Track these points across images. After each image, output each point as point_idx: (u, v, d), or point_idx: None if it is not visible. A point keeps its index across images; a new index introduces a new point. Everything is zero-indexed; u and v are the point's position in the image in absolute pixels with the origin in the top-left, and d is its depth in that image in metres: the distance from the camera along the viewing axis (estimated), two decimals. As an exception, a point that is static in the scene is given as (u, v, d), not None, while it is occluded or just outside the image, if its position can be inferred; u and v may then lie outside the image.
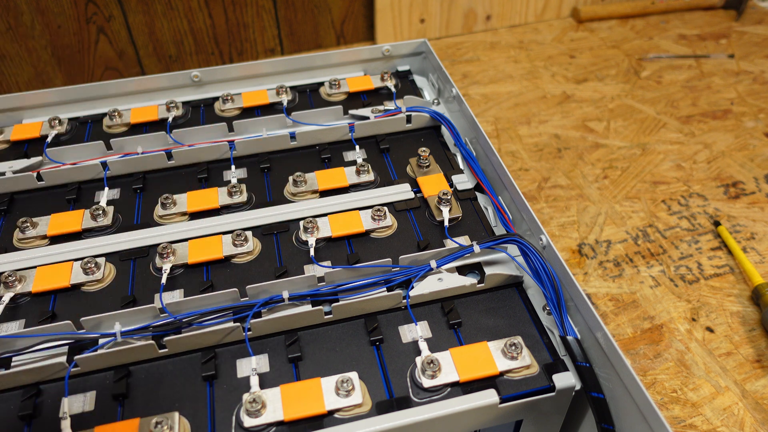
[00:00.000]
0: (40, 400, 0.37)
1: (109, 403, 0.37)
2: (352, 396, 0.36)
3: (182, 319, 0.39)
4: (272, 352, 0.40)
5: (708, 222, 0.71)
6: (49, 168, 0.53)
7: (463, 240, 0.47)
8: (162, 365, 0.39)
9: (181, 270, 0.45)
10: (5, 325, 0.41)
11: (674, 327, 0.59)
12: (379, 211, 0.47)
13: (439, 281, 0.42)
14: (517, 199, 0.47)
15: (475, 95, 0.96)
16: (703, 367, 0.56)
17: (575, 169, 0.80)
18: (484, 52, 1.08)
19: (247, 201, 0.51)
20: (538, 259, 0.41)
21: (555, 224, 0.71)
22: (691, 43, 1.08)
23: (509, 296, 0.43)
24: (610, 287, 0.64)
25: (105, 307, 0.43)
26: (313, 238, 0.46)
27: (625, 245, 0.68)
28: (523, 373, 0.38)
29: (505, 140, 0.86)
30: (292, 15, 1.06)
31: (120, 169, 0.54)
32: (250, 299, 0.41)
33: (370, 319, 0.41)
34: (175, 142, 0.56)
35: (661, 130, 0.87)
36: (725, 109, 0.91)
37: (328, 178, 0.52)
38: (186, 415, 0.36)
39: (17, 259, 0.46)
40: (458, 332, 0.41)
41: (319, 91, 0.64)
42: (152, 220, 0.49)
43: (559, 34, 1.13)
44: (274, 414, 0.35)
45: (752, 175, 0.78)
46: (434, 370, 0.37)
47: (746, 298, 0.62)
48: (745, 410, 0.53)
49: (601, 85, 0.97)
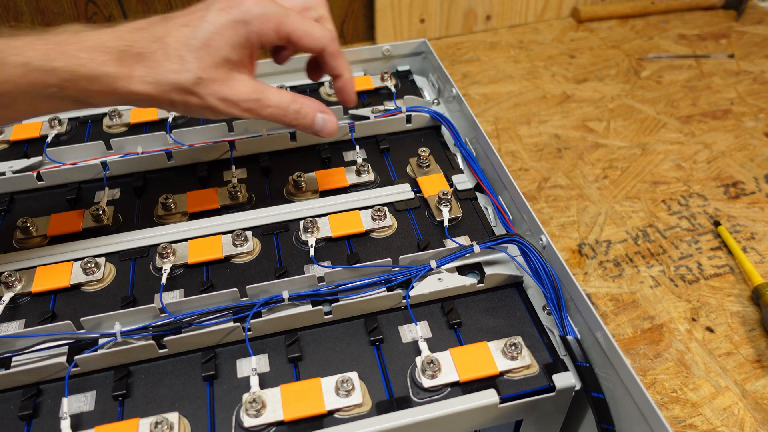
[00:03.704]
0: (40, 400, 0.37)
1: (109, 403, 0.37)
2: (352, 396, 0.36)
3: (182, 319, 0.39)
4: (272, 352, 0.40)
5: (708, 222, 0.71)
6: (49, 168, 0.53)
7: (463, 240, 0.47)
8: (162, 365, 0.39)
9: (181, 270, 0.45)
10: (5, 325, 0.41)
11: (674, 327, 0.59)
12: (379, 211, 0.47)
13: (439, 281, 0.42)
14: (517, 199, 0.47)
15: (475, 95, 0.96)
16: (703, 367, 0.56)
17: (575, 169, 0.80)
18: (484, 52, 1.08)
19: (247, 201, 0.51)
20: (538, 259, 0.41)
21: (555, 224, 0.71)
22: (691, 43, 1.08)
23: (509, 296, 0.43)
24: (610, 287, 0.64)
25: (105, 307, 0.43)
26: (313, 238, 0.46)
27: (625, 245, 0.68)
28: (523, 373, 0.38)
29: (505, 140, 0.86)
30: (292, 15, 1.06)
31: (120, 169, 0.54)
32: (250, 299, 0.41)
33: (370, 319, 0.41)
34: (175, 142, 0.56)
35: (661, 130, 0.87)
36: (725, 109, 0.91)
37: (328, 178, 0.52)
38: (186, 415, 0.36)
39: (17, 259, 0.46)
40: (458, 332, 0.41)
41: (319, 91, 0.64)
42: (152, 220, 0.49)
43: (559, 34, 1.13)
44: (274, 414, 0.35)
45: (752, 175, 0.78)
46: (434, 370, 0.37)
47: (746, 298, 0.62)
48: (745, 410, 0.53)
49: (601, 85, 0.97)
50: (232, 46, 0.38)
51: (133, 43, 0.37)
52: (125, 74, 0.37)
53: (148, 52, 0.37)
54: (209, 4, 0.39)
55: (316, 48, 0.42)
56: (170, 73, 0.37)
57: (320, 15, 0.44)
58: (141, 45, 0.37)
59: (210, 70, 0.38)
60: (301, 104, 0.42)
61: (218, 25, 0.38)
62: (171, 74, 0.37)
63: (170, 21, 0.38)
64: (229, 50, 0.38)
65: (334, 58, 0.43)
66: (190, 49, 0.37)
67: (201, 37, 0.37)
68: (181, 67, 0.37)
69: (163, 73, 0.37)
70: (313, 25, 0.41)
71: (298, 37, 0.40)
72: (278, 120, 0.41)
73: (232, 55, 0.38)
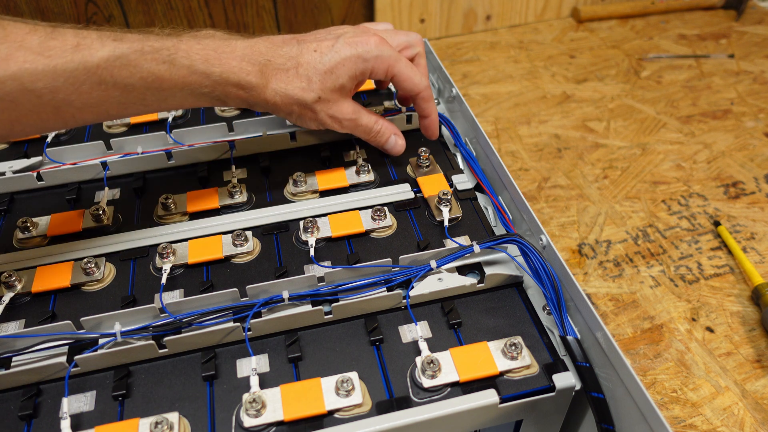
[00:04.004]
0: (40, 400, 0.37)
1: (109, 403, 0.37)
2: (352, 396, 0.36)
3: (182, 319, 0.39)
4: (272, 352, 0.40)
5: (708, 222, 0.71)
6: (49, 168, 0.53)
7: (463, 240, 0.47)
8: (162, 365, 0.39)
9: (181, 270, 0.45)
10: (5, 325, 0.41)
11: (674, 327, 0.59)
12: (379, 211, 0.47)
13: (439, 281, 0.42)
14: (517, 199, 0.47)
15: (475, 95, 0.96)
16: (703, 367, 0.56)
17: (575, 169, 0.80)
18: (484, 52, 1.08)
19: (247, 201, 0.51)
20: (538, 259, 0.41)
21: (555, 224, 0.71)
22: (691, 43, 1.08)
23: (509, 296, 0.43)
24: (610, 287, 0.64)
25: (105, 307, 0.43)
26: (313, 238, 0.46)
27: (625, 245, 0.68)
28: (523, 373, 0.38)
29: (505, 140, 0.86)
30: (292, 15, 1.06)
31: (120, 169, 0.54)
32: (250, 299, 0.41)
33: (370, 319, 0.41)
34: (175, 142, 0.56)
35: (661, 130, 0.87)
36: (725, 109, 0.91)
37: (328, 178, 0.52)
38: (186, 415, 0.36)
39: (17, 259, 0.46)
40: (458, 332, 0.41)
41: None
42: (152, 220, 0.49)
43: (559, 34, 1.13)
44: (274, 414, 0.35)
45: (752, 175, 0.78)
46: (434, 370, 0.37)
47: (746, 298, 0.62)
48: (745, 410, 0.53)
49: (601, 85, 0.97)
50: (350, 76, 0.45)
51: (272, 58, 0.43)
52: (262, 84, 0.43)
53: (283, 68, 0.44)
54: (339, 35, 0.45)
55: (413, 92, 0.49)
56: (298, 90, 0.44)
57: (417, 53, 0.52)
58: (279, 62, 0.44)
59: (328, 92, 0.45)
60: (381, 126, 0.50)
61: (343, 57, 0.44)
62: (298, 91, 0.44)
63: (303, 44, 0.45)
64: (346, 79, 0.45)
65: (425, 102, 0.51)
66: (317, 72, 0.44)
67: (327, 63, 0.44)
68: (308, 86, 0.44)
69: (293, 89, 0.44)
70: (415, 72, 0.48)
71: (401, 80, 0.48)
72: (364, 136, 0.50)
73: (348, 84, 0.45)
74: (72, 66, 0.37)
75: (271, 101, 0.44)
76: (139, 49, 0.39)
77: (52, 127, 0.40)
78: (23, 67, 0.35)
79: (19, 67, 0.35)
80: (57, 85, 0.37)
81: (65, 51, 0.37)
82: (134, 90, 0.40)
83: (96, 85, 0.38)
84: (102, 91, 0.39)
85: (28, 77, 0.36)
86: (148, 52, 0.39)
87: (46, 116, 0.38)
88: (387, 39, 0.48)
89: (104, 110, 0.40)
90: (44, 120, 0.39)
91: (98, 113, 0.40)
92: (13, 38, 0.36)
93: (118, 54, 0.38)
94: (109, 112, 0.41)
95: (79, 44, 0.37)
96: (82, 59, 0.37)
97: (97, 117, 0.41)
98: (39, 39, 0.36)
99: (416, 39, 0.52)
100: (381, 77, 0.47)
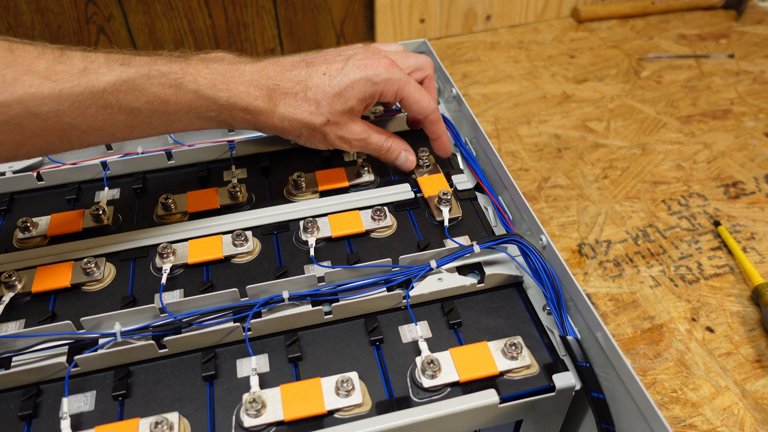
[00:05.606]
0: (40, 400, 0.37)
1: (109, 403, 0.37)
2: (352, 396, 0.36)
3: (182, 319, 0.39)
4: (272, 352, 0.40)
5: (708, 222, 0.71)
6: (49, 168, 0.53)
7: (463, 240, 0.47)
8: (162, 365, 0.39)
9: (181, 270, 0.45)
10: (5, 325, 0.41)
11: (674, 327, 0.59)
12: (379, 211, 0.47)
13: (439, 281, 0.42)
14: (517, 199, 0.47)
15: (475, 95, 0.96)
16: (703, 367, 0.56)
17: (575, 169, 0.80)
18: (484, 52, 1.08)
19: (247, 201, 0.51)
20: (538, 259, 0.41)
21: (555, 224, 0.71)
22: (691, 43, 1.08)
23: (509, 296, 0.43)
24: (610, 287, 0.64)
25: (105, 307, 0.43)
26: (313, 238, 0.46)
27: (625, 245, 0.68)
28: (523, 373, 0.38)
29: (505, 140, 0.86)
30: (292, 15, 1.06)
31: (120, 169, 0.54)
32: (250, 299, 0.41)
33: (370, 319, 0.41)
34: (175, 142, 0.56)
35: (661, 130, 0.87)
36: (725, 109, 0.91)
37: (328, 178, 0.52)
38: (186, 415, 0.36)
39: (17, 259, 0.46)
40: (458, 332, 0.41)
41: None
42: (152, 220, 0.49)
43: (559, 34, 1.13)
44: (274, 414, 0.35)
45: (752, 175, 0.78)
46: (434, 370, 0.37)
47: (746, 298, 0.62)
48: (745, 410, 0.53)
49: (601, 85, 0.97)
50: (359, 99, 0.45)
51: (281, 83, 0.44)
52: (270, 109, 0.43)
53: (291, 92, 0.44)
54: (349, 56, 0.45)
55: (422, 115, 0.49)
56: (306, 114, 0.44)
57: (427, 75, 0.53)
58: (287, 86, 0.44)
59: (337, 115, 0.45)
60: (391, 143, 0.50)
61: (352, 80, 0.44)
62: (307, 115, 0.44)
63: (312, 66, 0.44)
64: (355, 102, 0.45)
65: (433, 124, 0.51)
66: (325, 95, 0.44)
67: (336, 86, 0.44)
68: (316, 110, 0.44)
69: (301, 114, 0.44)
70: (424, 95, 0.48)
71: (410, 103, 0.48)
72: (374, 154, 0.50)
73: (357, 106, 0.45)
74: (78, 90, 0.37)
75: (279, 126, 0.44)
76: (146, 73, 0.39)
77: (58, 149, 0.40)
78: (29, 92, 0.35)
79: (25, 91, 0.35)
80: (62, 109, 0.37)
81: (72, 75, 0.37)
82: (140, 113, 0.40)
83: (102, 109, 0.38)
84: (108, 114, 0.39)
85: (34, 101, 0.36)
86: (155, 76, 0.39)
87: (51, 139, 0.38)
88: (397, 61, 0.47)
89: (110, 133, 0.40)
90: (50, 143, 0.38)
91: (104, 136, 0.40)
92: (20, 62, 0.36)
93: (125, 78, 0.38)
94: (116, 134, 0.41)
95: (86, 68, 0.37)
96: (89, 83, 0.37)
97: (104, 139, 0.41)
98: (47, 63, 0.36)
99: (426, 62, 0.52)
100: (390, 100, 0.47)
